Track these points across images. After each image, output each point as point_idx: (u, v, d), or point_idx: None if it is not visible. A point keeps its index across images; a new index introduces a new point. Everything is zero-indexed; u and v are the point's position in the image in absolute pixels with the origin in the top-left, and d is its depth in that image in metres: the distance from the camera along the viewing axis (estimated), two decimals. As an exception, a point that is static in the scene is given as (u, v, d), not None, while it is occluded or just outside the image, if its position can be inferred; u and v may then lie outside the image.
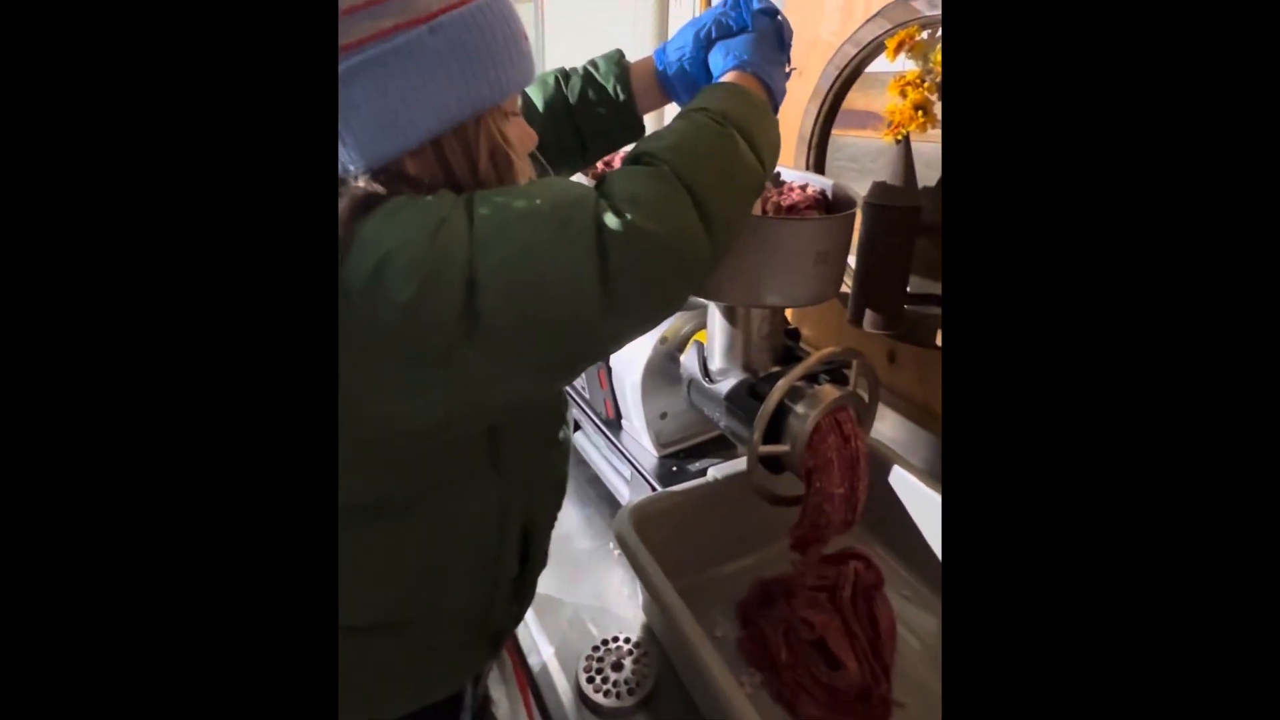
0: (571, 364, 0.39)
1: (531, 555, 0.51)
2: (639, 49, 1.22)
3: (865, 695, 0.55)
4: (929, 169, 0.73)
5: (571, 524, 0.79)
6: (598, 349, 0.40)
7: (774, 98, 0.50)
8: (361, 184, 0.35)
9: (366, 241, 0.33)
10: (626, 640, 0.62)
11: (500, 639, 0.53)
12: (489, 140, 0.38)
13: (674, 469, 0.74)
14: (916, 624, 0.63)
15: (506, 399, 0.39)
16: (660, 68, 0.55)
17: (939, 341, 0.74)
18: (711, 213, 0.38)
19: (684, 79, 0.54)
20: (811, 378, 0.58)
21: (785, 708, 0.55)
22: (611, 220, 0.35)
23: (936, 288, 0.75)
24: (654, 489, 0.72)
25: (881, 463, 0.68)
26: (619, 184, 0.37)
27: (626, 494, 0.79)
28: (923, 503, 0.66)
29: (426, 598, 0.46)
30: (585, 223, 0.35)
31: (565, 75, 0.58)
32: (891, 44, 0.74)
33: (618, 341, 0.40)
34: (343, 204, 0.33)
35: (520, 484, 0.47)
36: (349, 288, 0.32)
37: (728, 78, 0.48)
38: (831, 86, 0.84)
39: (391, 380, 0.34)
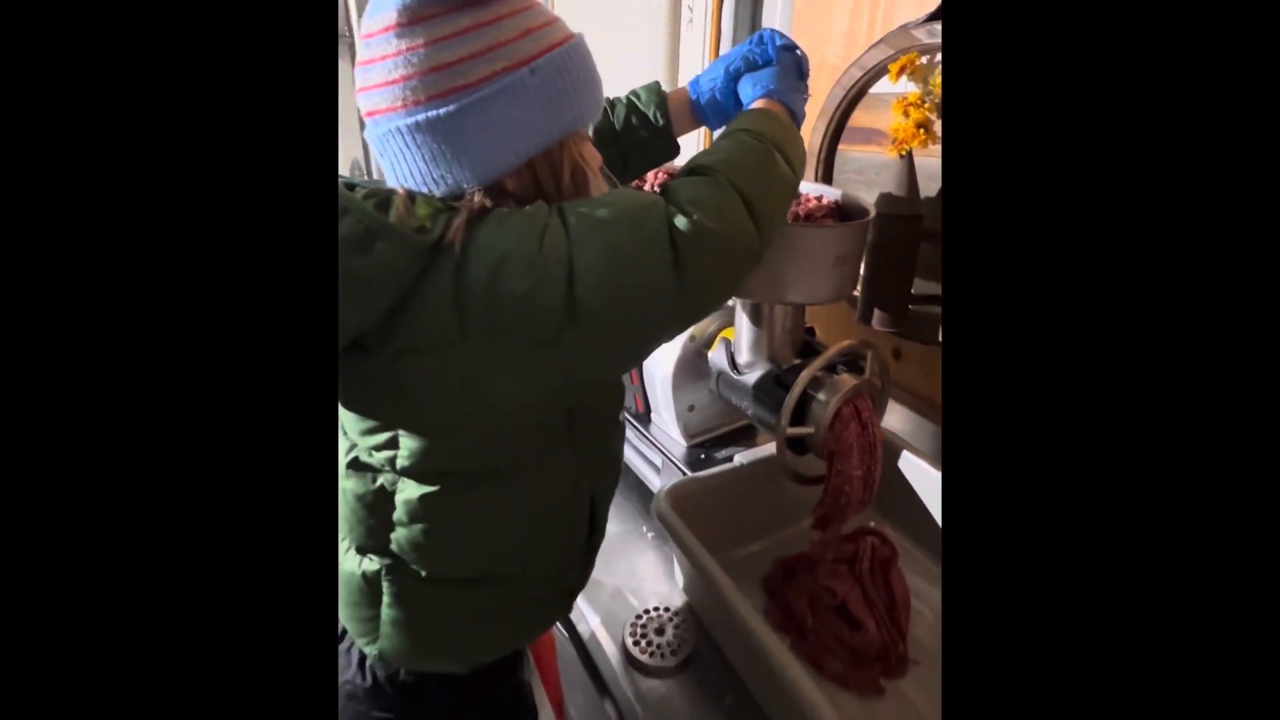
0: (652, 341, 0.46)
1: (596, 523, 0.58)
2: (653, 74, 1.30)
3: (884, 654, 0.61)
4: (930, 181, 0.80)
5: (604, 511, 0.86)
6: (673, 328, 0.46)
7: (796, 119, 0.57)
8: (476, 199, 0.42)
9: (484, 246, 0.39)
10: (666, 609, 0.68)
11: (572, 597, 0.60)
12: (571, 160, 0.45)
13: (702, 456, 0.81)
14: (927, 595, 0.69)
15: (599, 373, 0.46)
16: (694, 97, 0.63)
17: (940, 338, 0.81)
18: (758, 211, 0.45)
19: (715, 106, 0.62)
20: (830, 368, 0.64)
21: (811, 665, 0.61)
22: (680, 220, 0.41)
23: (938, 289, 0.82)
24: (684, 475, 0.78)
25: (893, 449, 0.75)
26: (683, 191, 0.43)
27: (657, 481, 0.85)
28: (932, 486, 0.72)
29: (520, 555, 0.52)
30: (659, 223, 0.41)
31: (611, 104, 0.65)
32: (894, 68, 0.82)
33: (689, 321, 0.46)
34: (460, 217, 0.40)
35: (590, 458, 0.53)
36: (472, 284, 0.39)
37: (758, 104, 0.56)
38: (839, 106, 0.91)
39: (511, 361, 0.41)
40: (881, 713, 0.58)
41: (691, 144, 1.22)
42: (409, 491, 0.48)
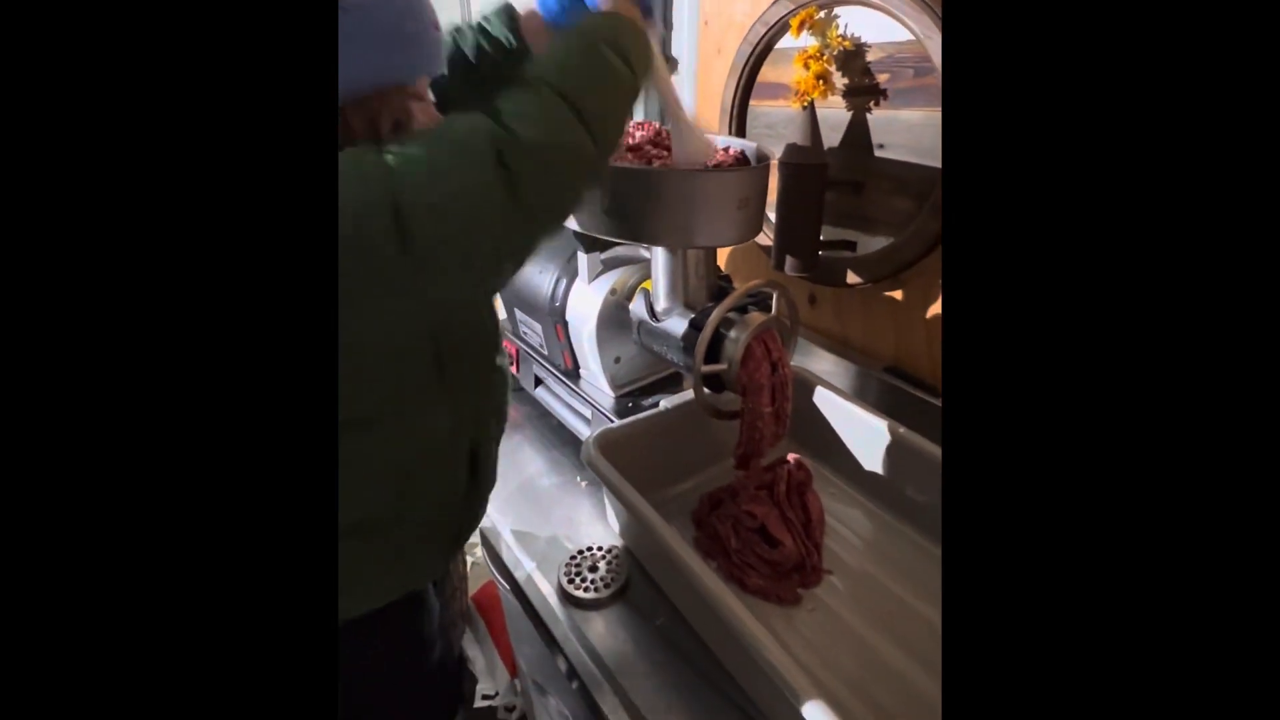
0: (499, 261, 0.44)
1: (480, 470, 0.57)
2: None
3: (800, 566, 0.66)
4: (833, 131, 0.84)
5: (540, 466, 0.88)
6: (519, 247, 0.44)
7: (648, 9, 0.51)
8: None
9: None
10: (600, 548, 0.71)
11: (459, 540, 0.59)
12: (390, 115, 0.43)
13: (629, 405, 0.84)
14: (840, 513, 0.75)
15: (452, 296, 0.44)
16: (543, 11, 0.58)
17: (849, 280, 0.86)
18: (590, 115, 0.43)
19: (564, 18, 0.57)
20: (740, 309, 0.68)
21: (736, 584, 0.66)
22: (504, 137, 0.40)
23: (845, 235, 0.87)
24: (613, 423, 0.81)
25: (807, 385, 0.80)
26: (506, 106, 0.42)
27: (587, 433, 0.87)
28: (843, 418, 0.77)
29: (392, 505, 0.52)
30: (483, 143, 0.40)
31: (459, 30, 0.61)
32: (795, 22, 0.85)
33: (533, 238, 0.44)
34: None
35: (467, 405, 0.53)
36: None
37: (603, 3, 0.52)
38: (746, 62, 0.94)
39: (355, 302, 0.39)
40: (800, 618, 0.63)
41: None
42: None
